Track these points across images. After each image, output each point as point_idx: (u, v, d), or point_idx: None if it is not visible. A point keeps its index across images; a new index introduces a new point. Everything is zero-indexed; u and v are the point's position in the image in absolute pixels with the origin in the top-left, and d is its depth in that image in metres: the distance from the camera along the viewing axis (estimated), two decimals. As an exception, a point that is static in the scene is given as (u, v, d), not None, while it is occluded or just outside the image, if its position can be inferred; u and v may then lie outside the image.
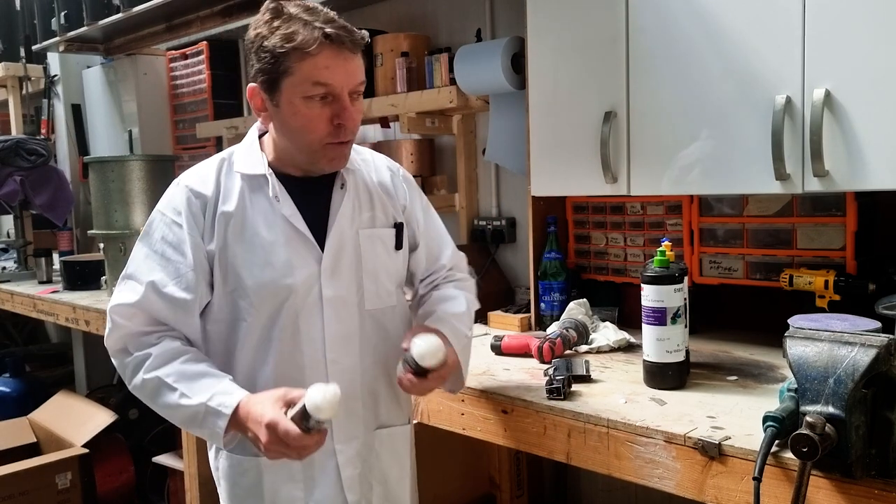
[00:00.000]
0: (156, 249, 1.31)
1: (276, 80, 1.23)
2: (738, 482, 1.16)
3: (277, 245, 1.29)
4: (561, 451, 1.40)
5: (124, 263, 1.38)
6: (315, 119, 1.24)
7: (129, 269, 1.34)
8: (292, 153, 1.31)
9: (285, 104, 1.24)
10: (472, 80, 2.27)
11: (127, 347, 1.31)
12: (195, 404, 1.22)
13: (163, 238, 1.31)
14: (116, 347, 1.33)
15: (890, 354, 1.02)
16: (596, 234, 2.13)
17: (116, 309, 1.31)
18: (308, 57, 1.19)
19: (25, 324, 4.57)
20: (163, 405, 1.27)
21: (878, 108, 1.42)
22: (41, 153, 3.56)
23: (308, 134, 1.26)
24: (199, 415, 1.22)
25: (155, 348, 1.28)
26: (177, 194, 1.33)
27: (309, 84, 1.21)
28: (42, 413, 3.37)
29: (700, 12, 1.64)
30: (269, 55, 1.21)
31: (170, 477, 2.95)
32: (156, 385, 1.26)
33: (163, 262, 1.30)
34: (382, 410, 1.41)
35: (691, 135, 1.67)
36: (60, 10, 3.49)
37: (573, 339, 1.76)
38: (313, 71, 1.20)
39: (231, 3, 2.97)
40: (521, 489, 2.51)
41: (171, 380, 1.25)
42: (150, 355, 1.27)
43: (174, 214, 1.31)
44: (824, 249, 1.71)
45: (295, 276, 1.29)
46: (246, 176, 1.32)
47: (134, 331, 1.30)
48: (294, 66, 1.20)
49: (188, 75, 3.65)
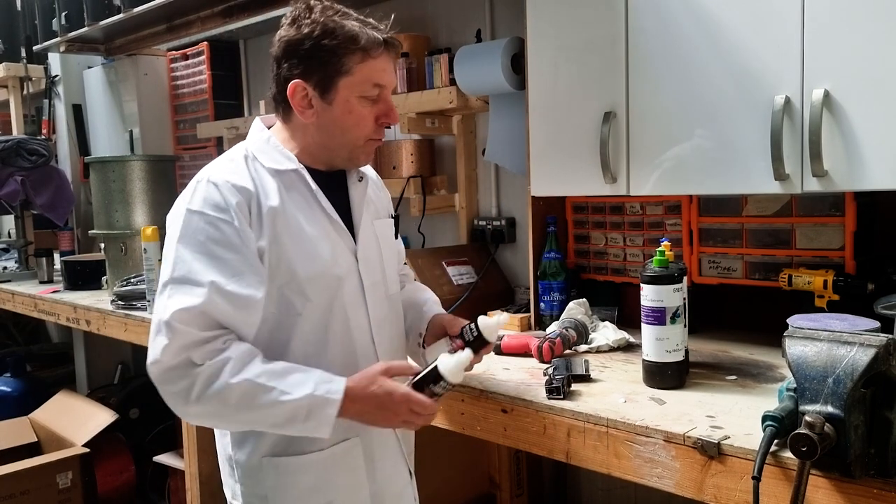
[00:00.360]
0: (204, 251, 1.22)
1: (333, 77, 1.27)
2: (738, 481, 1.16)
3: (320, 238, 1.32)
4: (560, 451, 1.40)
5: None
6: (366, 117, 1.31)
7: (176, 272, 1.23)
8: (331, 148, 1.34)
9: (340, 102, 1.29)
10: (472, 81, 2.27)
11: (191, 359, 1.18)
12: (298, 398, 1.18)
13: (209, 238, 1.23)
14: (177, 360, 1.18)
15: (889, 354, 1.02)
16: (595, 234, 2.13)
17: (178, 315, 1.19)
18: (370, 59, 1.27)
19: (26, 323, 4.58)
20: (256, 408, 1.19)
21: (878, 109, 1.42)
22: (42, 153, 3.56)
23: (357, 131, 1.32)
24: (301, 409, 1.19)
25: (229, 352, 1.20)
26: (213, 191, 1.25)
27: (369, 85, 1.28)
28: (43, 413, 3.37)
29: (699, 13, 1.64)
30: (330, 54, 1.25)
31: (170, 476, 2.96)
32: (246, 389, 1.18)
33: (216, 263, 1.22)
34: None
35: (691, 135, 1.67)
36: (61, 10, 3.49)
37: (573, 338, 1.77)
38: (374, 73, 1.28)
39: (232, 4, 2.97)
40: (521, 488, 2.51)
41: (262, 380, 1.18)
42: (229, 359, 1.18)
43: (217, 211, 1.24)
44: (823, 249, 1.71)
45: (340, 266, 1.33)
46: (277, 172, 1.32)
47: (197, 338, 1.19)
48: (355, 66, 1.26)
49: (189, 76, 3.65)
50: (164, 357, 1.19)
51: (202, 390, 1.18)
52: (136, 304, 2.61)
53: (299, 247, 1.29)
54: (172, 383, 1.20)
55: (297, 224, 1.30)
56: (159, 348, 1.19)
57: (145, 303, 2.53)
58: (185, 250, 1.23)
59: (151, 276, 2.49)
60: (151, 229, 2.51)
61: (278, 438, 1.31)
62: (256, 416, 1.21)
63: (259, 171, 1.31)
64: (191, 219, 1.25)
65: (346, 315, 1.34)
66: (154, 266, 2.48)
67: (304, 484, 1.32)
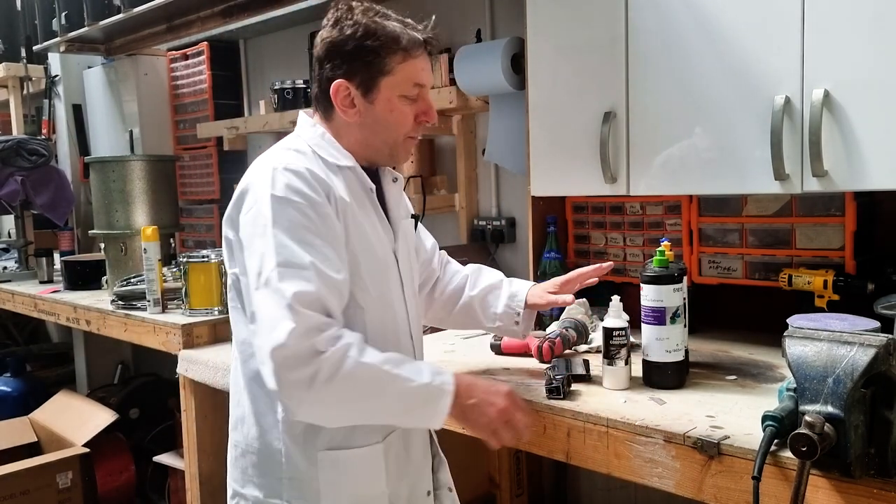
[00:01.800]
0: (297, 237, 1.20)
1: (376, 77, 1.29)
2: (738, 481, 1.16)
3: (372, 234, 1.34)
4: (560, 451, 1.40)
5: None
6: (406, 115, 1.34)
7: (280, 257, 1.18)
8: (374, 146, 1.36)
9: (382, 101, 1.31)
10: (472, 81, 2.27)
11: (315, 345, 1.13)
12: (420, 384, 1.19)
13: (300, 225, 1.21)
14: (302, 345, 1.12)
15: (889, 354, 1.02)
16: (595, 233, 2.13)
17: (300, 298, 1.15)
18: (411, 59, 1.30)
19: (26, 323, 4.58)
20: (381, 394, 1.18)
21: (878, 109, 1.42)
22: (42, 153, 3.56)
23: (399, 129, 1.34)
24: (420, 396, 1.20)
25: (348, 338, 1.17)
26: (295, 179, 1.23)
27: (410, 85, 1.31)
28: (43, 412, 3.37)
29: (699, 13, 1.64)
30: (373, 55, 1.28)
31: (170, 476, 2.96)
32: (375, 374, 1.17)
33: (309, 249, 1.19)
34: None
35: (691, 135, 1.67)
36: (61, 10, 3.49)
37: (573, 338, 1.77)
38: (414, 73, 1.31)
39: (232, 4, 2.97)
40: (521, 488, 2.51)
41: (387, 367, 1.18)
42: (351, 345, 1.16)
43: (302, 198, 1.22)
44: (823, 249, 1.71)
45: (388, 262, 1.37)
46: (339, 168, 1.33)
47: (319, 322, 1.15)
48: (397, 66, 1.29)
49: (189, 76, 3.66)
50: (289, 341, 1.12)
51: (329, 375, 1.13)
52: (136, 304, 2.61)
53: (361, 241, 1.32)
54: (296, 369, 1.13)
55: (358, 219, 1.32)
56: (284, 332, 1.12)
57: (145, 303, 2.53)
58: (283, 236, 1.20)
59: (151, 276, 2.49)
60: (151, 229, 2.51)
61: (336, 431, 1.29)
62: (378, 404, 1.20)
63: (328, 164, 1.32)
64: (279, 205, 1.21)
65: (394, 310, 1.38)
66: (154, 266, 2.48)
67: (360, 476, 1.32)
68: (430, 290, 1.67)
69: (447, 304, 1.67)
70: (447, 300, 1.67)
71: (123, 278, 2.77)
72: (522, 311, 1.60)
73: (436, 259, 1.68)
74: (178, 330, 2.27)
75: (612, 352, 1.49)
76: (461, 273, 1.69)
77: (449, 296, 1.67)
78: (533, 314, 1.63)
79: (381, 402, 1.20)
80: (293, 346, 1.12)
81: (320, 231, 1.22)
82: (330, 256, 1.22)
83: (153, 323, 2.44)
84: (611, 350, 1.49)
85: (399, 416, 1.25)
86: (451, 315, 1.68)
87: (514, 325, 1.62)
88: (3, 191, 3.47)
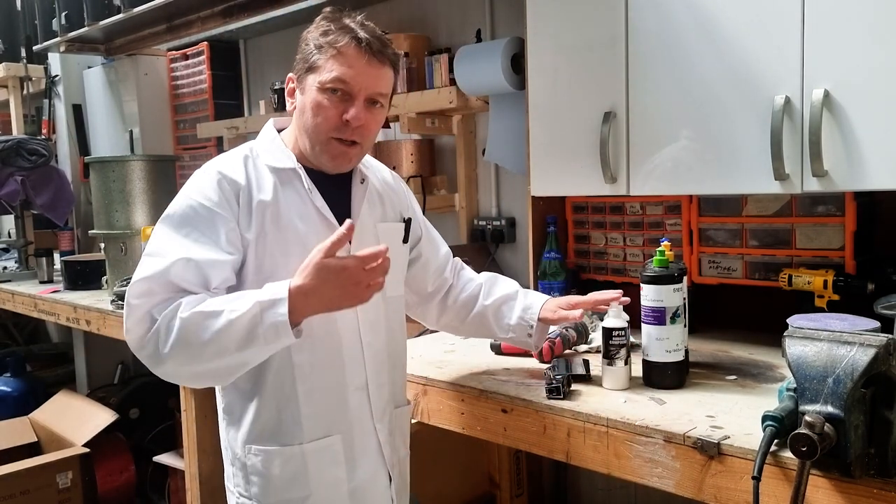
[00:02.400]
0: (184, 233, 1.28)
1: (308, 69, 1.33)
2: (738, 481, 1.16)
3: (311, 235, 1.33)
4: (560, 451, 1.40)
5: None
6: (328, 110, 1.32)
7: (149, 248, 1.29)
8: (303, 142, 1.37)
9: (308, 91, 1.34)
10: (472, 81, 2.27)
11: (153, 315, 1.22)
12: (246, 309, 1.18)
13: (184, 219, 1.29)
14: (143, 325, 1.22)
15: (889, 354, 1.02)
16: (595, 233, 2.13)
17: (134, 288, 1.24)
18: (337, 54, 1.30)
19: (26, 323, 4.58)
20: (214, 333, 1.19)
21: (877, 109, 1.42)
22: (42, 153, 3.56)
23: (319, 123, 1.33)
24: (255, 318, 1.18)
25: (183, 299, 1.23)
26: (206, 179, 1.32)
27: (329, 76, 1.30)
28: (43, 412, 3.37)
29: (699, 13, 1.64)
30: (308, 45, 1.34)
31: (170, 476, 2.96)
32: (197, 319, 1.19)
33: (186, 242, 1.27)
34: (398, 391, 1.51)
35: (690, 135, 1.67)
36: (61, 10, 3.49)
37: (573, 338, 1.77)
38: (336, 67, 1.30)
39: (232, 4, 2.98)
40: (521, 488, 2.51)
41: (210, 307, 1.20)
42: (181, 303, 1.21)
43: (203, 199, 1.30)
44: (823, 249, 1.71)
45: None
46: (275, 169, 1.36)
47: (157, 300, 1.23)
48: (323, 58, 1.31)
49: (189, 76, 3.66)
50: (129, 325, 1.24)
51: (165, 338, 1.20)
52: (136, 304, 2.61)
53: (286, 241, 1.32)
54: (144, 348, 1.23)
55: (288, 219, 1.33)
56: (125, 320, 1.25)
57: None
58: (161, 228, 1.31)
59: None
60: (151, 229, 2.50)
61: (264, 426, 1.34)
62: (220, 344, 1.19)
63: (258, 167, 1.36)
64: (181, 203, 1.32)
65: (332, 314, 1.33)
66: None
67: (284, 475, 1.35)
68: (443, 298, 1.66)
69: (460, 312, 1.65)
70: (460, 308, 1.65)
71: (123, 278, 2.77)
72: (536, 324, 1.59)
73: (448, 267, 1.66)
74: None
75: (612, 352, 1.49)
76: (475, 282, 1.67)
77: (462, 304, 1.65)
78: (546, 328, 1.61)
79: (219, 342, 1.19)
80: (134, 330, 1.23)
81: (201, 227, 1.28)
82: (200, 247, 1.27)
83: (153, 323, 2.43)
84: (611, 350, 1.49)
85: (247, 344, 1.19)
86: (464, 324, 1.67)
87: (527, 337, 1.61)
88: (3, 191, 3.47)
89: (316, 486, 1.35)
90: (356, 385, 1.38)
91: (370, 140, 1.39)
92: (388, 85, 1.36)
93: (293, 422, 1.34)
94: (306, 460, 1.34)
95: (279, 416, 1.34)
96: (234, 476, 1.40)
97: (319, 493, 1.36)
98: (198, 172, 1.35)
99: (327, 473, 1.36)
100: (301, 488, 1.35)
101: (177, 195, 1.34)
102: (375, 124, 1.37)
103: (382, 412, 1.43)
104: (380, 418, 1.42)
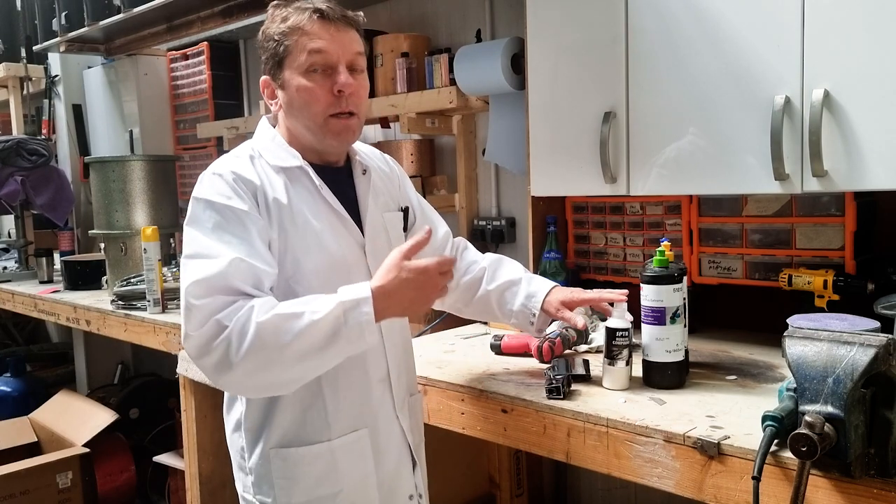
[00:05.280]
0: (214, 236, 1.25)
1: (280, 62, 1.31)
2: (738, 481, 1.16)
3: (326, 232, 1.34)
4: (560, 451, 1.40)
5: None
6: (317, 90, 1.30)
7: (189, 250, 1.25)
8: (301, 134, 1.36)
9: (289, 81, 1.32)
10: (472, 81, 2.27)
11: (220, 324, 1.17)
12: (329, 310, 1.17)
13: (217, 225, 1.26)
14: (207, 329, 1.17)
15: (889, 354, 1.02)
16: (595, 233, 2.13)
17: (193, 289, 1.20)
18: (303, 33, 1.29)
19: (26, 323, 4.58)
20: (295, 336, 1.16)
21: (878, 109, 1.42)
22: (42, 153, 3.56)
23: (312, 106, 1.32)
24: (338, 319, 1.17)
25: (254, 301, 1.19)
26: (219, 181, 1.29)
27: (305, 55, 1.29)
28: (43, 412, 3.37)
29: (699, 13, 1.64)
30: (271, 41, 1.32)
31: (170, 476, 2.96)
32: (277, 322, 1.16)
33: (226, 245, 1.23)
34: (412, 379, 1.53)
35: (690, 135, 1.67)
36: (61, 10, 3.49)
37: (573, 338, 1.77)
38: (308, 43, 1.29)
39: (232, 4, 2.98)
40: (521, 488, 2.51)
41: (289, 309, 1.18)
42: (253, 307, 1.18)
43: (226, 199, 1.27)
44: (823, 249, 1.71)
45: (347, 259, 1.35)
46: (283, 169, 1.35)
47: (215, 306, 1.18)
48: (291, 43, 1.29)
49: (189, 76, 3.66)
50: (190, 330, 1.19)
51: (238, 344, 1.16)
52: (136, 304, 2.61)
53: (305, 239, 1.32)
54: (209, 354, 1.18)
55: (302, 218, 1.32)
56: (187, 325, 1.20)
57: (145, 303, 2.53)
58: (197, 233, 1.27)
59: (151, 276, 2.49)
60: (151, 229, 2.51)
61: (287, 429, 1.33)
62: (301, 346, 1.17)
63: (265, 168, 1.35)
64: (198, 207, 1.29)
65: None
66: (154, 266, 2.48)
67: (313, 474, 1.34)
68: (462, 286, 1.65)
69: (464, 294, 1.66)
70: (464, 291, 1.66)
71: (123, 278, 2.77)
72: (539, 313, 1.60)
73: (448, 247, 1.66)
74: (178, 330, 2.27)
75: (615, 352, 1.49)
76: (479, 264, 1.67)
77: (466, 287, 1.65)
78: (548, 317, 1.62)
79: (301, 343, 1.17)
80: (197, 336, 1.18)
81: (235, 228, 1.26)
82: (243, 247, 1.24)
83: (153, 323, 2.44)
84: (613, 350, 1.49)
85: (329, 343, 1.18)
86: (468, 306, 1.68)
87: (529, 325, 1.62)
88: (3, 191, 3.47)
89: (347, 481, 1.35)
90: (379, 377, 1.39)
91: (364, 108, 1.38)
92: (360, 47, 1.34)
93: (320, 420, 1.33)
94: (336, 457, 1.34)
95: (304, 416, 1.34)
96: (254, 486, 1.37)
97: (350, 487, 1.35)
98: (208, 175, 1.31)
99: (356, 467, 1.36)
100: (332, 485, 1.34)
101: (194, 200, 1.30)
102: (364, 90, 1.36)
103: (403, 402, 1.45)
104: (401, 408, 1.44)
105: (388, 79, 2.54)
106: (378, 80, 2.56)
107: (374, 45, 2.55)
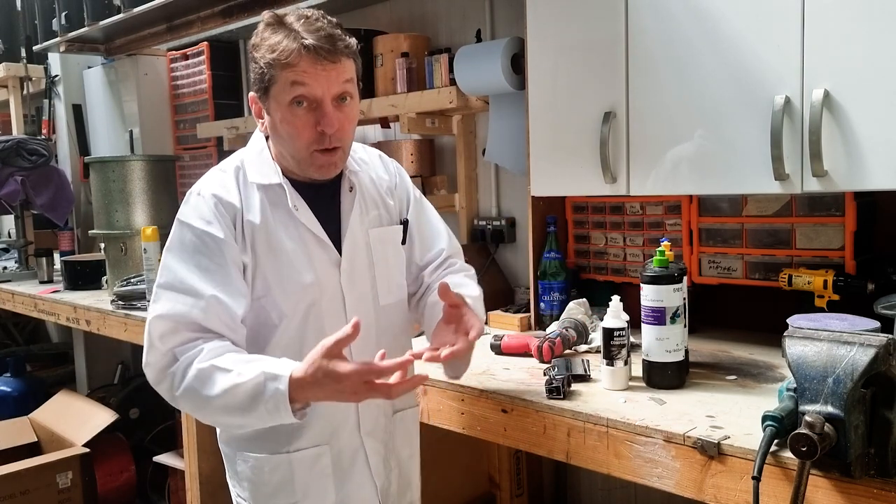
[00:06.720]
0: (191, 262, 1.28)
1: (266, 88, 1.29)
2: (738, 481, 1.16)
3: (300, 253, 1.33)
4: (560, 451, 1.40)
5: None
6: (300, 126, 1.28)
7: (163, 279, 1.30)
8: (287, 158, 1.35)
9: (274, 111, 1.30)
10: (472, 81, 2.27)
11: (176, 354, 1.25)
12: (253, 376, 1.18)
13: (196, 250, 1.29)
14: (161, 364, 1.25)
15: (889, 354, 1.02)
16: (595, 233, 2.13)
17: (157, 323, 1.26)
18: (288, 67, 1.25)
19: (26, 323, 4.58)
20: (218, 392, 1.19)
21: (878, 109, 1.42)
22: (42, 153, 3.56)
23: (295, 140, 1.30)
24: (259, 386, 1.17)
25: (207, 345, 1.24)
26: (202, 204, 1.31)
27: (289, 90, 1.26)
28: (43, 412, 3.37)
29: (699, 13, 1.64)
30: (258, 66, 1.28)
31: (170, 476, 2.96)
32: (208, 374, 1.20)
33: (203, 274, 1.27)
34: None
35: (690, 135, 1.67)
36: (61, 10, 3.49)
37: (573, 338, 1.77)
38: (293, 78, 1.25)
39: (232, 4, 2.97)
40: (521, 488, 2.51)
41: (225, 364, 1.20)
42: (202, 350, 1.23)
43: (204, 224, 1.29)
44: (823, 249, 1.71)
45: (320, 280, 1.34)
46: (262, 186, 1.34)
47: (181, 339, 1.25)
48: (277, 74, 1.26)
49: (189, 76, 3.65)
50: (150, 360, 1.27)
51: (179, 382, 1.24)
52: (136, 304, 2.61)
53: (277, 262, 1.32)
54: (162, 382, 1.27)
55: (276, 239, 1.33)
56: (146, 354, 1.28)
57: (145, 303, 2.53)
58: (173, 260, 1.31)
59: (151, 276, 2.49)
60: (151, 229, 2.51)
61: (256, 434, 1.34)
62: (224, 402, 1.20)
63: (247, 185, 1.35)
64: (181, 231, 1.32)
65: (322, 327, 1.33)
66: (154, 266, 2.48)
67: (272, 482, 1.36)
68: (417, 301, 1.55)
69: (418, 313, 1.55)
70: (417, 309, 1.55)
71: (123, 278, 2.77)
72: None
73: (428, 270, 1.54)
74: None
75: (613, 352, 1.49)
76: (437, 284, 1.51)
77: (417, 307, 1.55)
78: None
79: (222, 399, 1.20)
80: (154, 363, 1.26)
81: (213, 255, 1.28)
82: (223, 281, 1.27)
83: (153, 323, 2.43)
84: (611, 350, 1.49)
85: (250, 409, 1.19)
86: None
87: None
88: (3, 191, 3.47)
89: (302, 494, 1.36)
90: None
91: (349, 138, 1.35)
92: (350, 74, 1.30)
93: (284, 431, 1.34)
94: (293, 468, 1.36)
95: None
96: (231, 478, 1.44)
97: (307, 501, 1.37)
98: (193, 196, 1.33)
99: (314, 483, 1.37)
100: (288, 496, 1.36)
101: (177, 223, 1.33)
102: (350, 122, 1.32)
103: (373, 424, 1.42)
104: (369, 431, 1.41)
105: (388, 79, 2.54)
106: (378, 80, 2.56)
107: (374, 45, 2.55)
